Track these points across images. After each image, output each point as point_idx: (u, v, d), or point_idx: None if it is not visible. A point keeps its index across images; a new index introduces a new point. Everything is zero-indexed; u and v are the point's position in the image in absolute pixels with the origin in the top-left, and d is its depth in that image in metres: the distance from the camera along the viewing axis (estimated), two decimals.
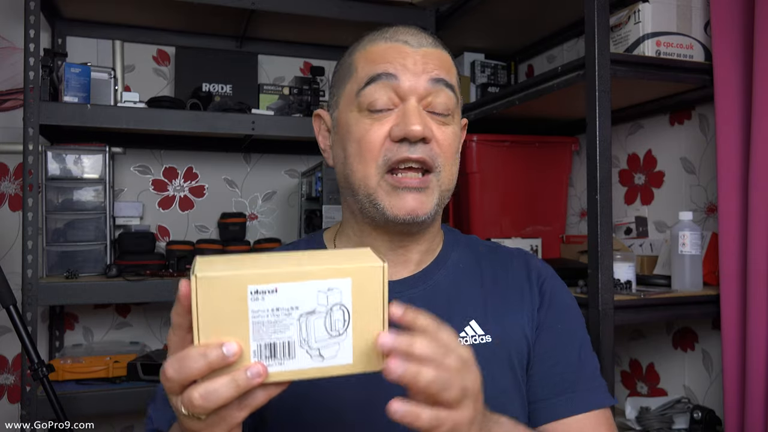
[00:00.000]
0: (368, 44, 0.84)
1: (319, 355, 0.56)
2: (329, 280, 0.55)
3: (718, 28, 1.49)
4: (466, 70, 2.38)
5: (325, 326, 0.56)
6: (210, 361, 0.52)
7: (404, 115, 0.78)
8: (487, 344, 0.83)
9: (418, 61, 0.80)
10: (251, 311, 0.54)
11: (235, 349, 0.53)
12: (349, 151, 0.82)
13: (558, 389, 0.83)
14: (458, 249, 0.91)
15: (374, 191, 0.80)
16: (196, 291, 0.53)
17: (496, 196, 1.99)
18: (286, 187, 2.48)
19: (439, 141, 0.80)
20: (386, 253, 0.85)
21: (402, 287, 0.85)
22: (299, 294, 0.55)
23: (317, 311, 0.55)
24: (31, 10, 1.71)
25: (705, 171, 1.72)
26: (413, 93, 0.79)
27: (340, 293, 0.56)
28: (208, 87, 2.23)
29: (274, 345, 0.55)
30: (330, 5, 2.03)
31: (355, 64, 0.83)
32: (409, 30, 0.84)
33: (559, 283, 0.91)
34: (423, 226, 0.83)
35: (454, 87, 0.82)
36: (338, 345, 0.56)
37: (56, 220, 1.91)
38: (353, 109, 0.81)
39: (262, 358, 0.55)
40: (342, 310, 0.56)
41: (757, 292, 1.37)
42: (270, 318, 0.54)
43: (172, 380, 0.54)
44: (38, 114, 1.71)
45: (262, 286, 0.54)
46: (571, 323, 0.88)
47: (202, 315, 0.53)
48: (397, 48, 0.81)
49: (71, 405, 1.67)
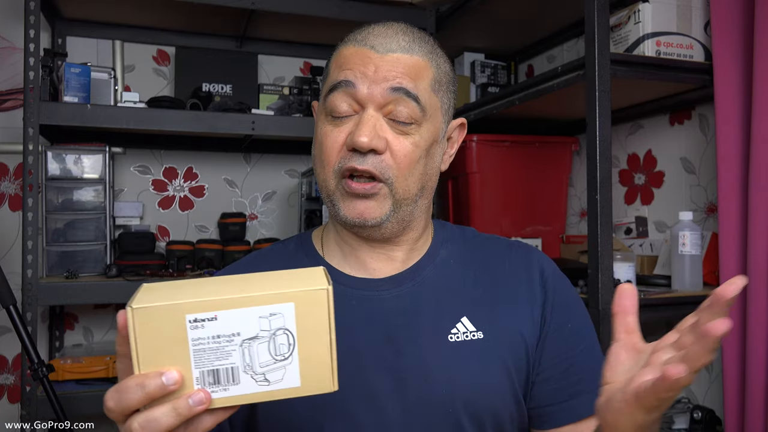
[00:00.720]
0: (342, 45, 0.84)
1: (264, 379, 0.56)
2: (271, 306, 0.55)
3: (718, 28, 1.49)
4: (466, 70, 2.38)
5: (269, 351, 0.55)
6: (148, 392, 0.53)
7: (358, 125, 0.78)
8: (479, 340, 0.82)
9: (381, 67, 0.79)
10: (191, 339, 0.54)
11: (176, 378, 0.53)
12: (315, 153, 0.85)
13: (574, 390, 0.83)
14: (449, 244, 0.91)
15: (333, 194, 0.81)
16: (133, 322, 0.53)
17: (496, 196, 1.99)
18: (286, 187, 2.48)
19: (394, 152, 0.79)
20: (366, 251, 0.85)
21: (389, 285, 0.84)
22: (240, 320, 0.54)
23: (260, 336, 0.55)
24: (31, 10, 1.71)
25: (705, 171, 1.72)
26: (370, 101, 0.78)
27: (283, 318, 0.55)
28: (208, 87, 2.23)
29: (217, 371, 0.55)
30: (330, 5, 2.03)
31: (330, 67, 0.85)
32: (382, 32, 0.83)
33: (564, 280, 0.90)
34: (385, 230, 0.82)
35: (417, 96, 0.79)
36: (284, 369, 0.56)
37: (56, 220, 1.91)
38: (321, 111, 0.83)
39: (205, 384, 0.54)
40: (286, 334, 0.55)
41: (757, 292, 1.37)
42: (211, 345, 0.54)
43: (113, 411, 0.54)
44: (38, 114, 1.71)
45: (200, 314, 0.54)
46: (580, 321, 0.88)
47: (140, 345, 0.53)
48: (362, 53, 0.80)
49: (71, 405, 1.67)
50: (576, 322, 0.87)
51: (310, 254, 0.90)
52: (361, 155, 0.78)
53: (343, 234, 0.87)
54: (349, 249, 0.87)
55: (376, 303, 0.83)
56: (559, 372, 0.84)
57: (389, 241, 0.85)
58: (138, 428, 0.53)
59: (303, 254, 0.90)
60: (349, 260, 0.87)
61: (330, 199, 0.82)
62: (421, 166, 0.82)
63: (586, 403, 0.81)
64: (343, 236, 0.87)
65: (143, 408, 0.54)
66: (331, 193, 0.82)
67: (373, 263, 0.86)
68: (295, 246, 0.92)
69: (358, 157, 0.78)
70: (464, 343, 0.82)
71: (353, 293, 0.84)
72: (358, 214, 0.80)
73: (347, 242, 0.86)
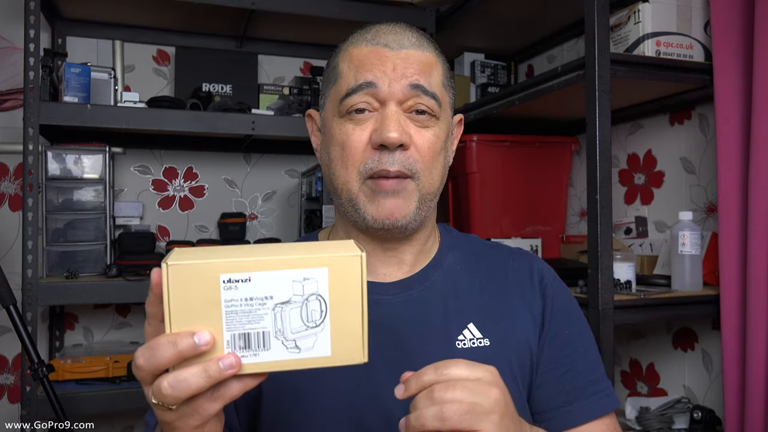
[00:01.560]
0: (351, 47, 0.84)
1: (295, 346, 0.55)
2: (305, 270, 0.54)
3: (718, 28, 1.49)
4: (466, 70, 2.38)
5: (301, 317, 0.55)
6: (180, 350, 0.52)
7: (383, 121, 0.78)
8: (486, 348, 0.82)
9: (398, 65, 0.80)
10: (224, 300, 0.53)
11: (207, 338, 0.52)
12: (333, 155, 0.82)
13: (571, 396, 0.83)
14: (455, 250, 0.91)
15: (356, 196, 0.80)
16: (167, 279, 0.52)
17: (496, 196, 1.99)
18: (286, 187, 2.48)
19: (418, 146, 0.80)
20: (378, 255, 0.85)
21: (398, 289, 0.84)
22: (274, 283, 0.54)
23: (293, 301, 0.54)
24: (31, 10, 1.71)
25: (705, 171, 1.72)
26: (392, 98, 0.79)
27: (317, 283, 0.54)
28: (208, 87, 2.23)
29: (248, 335, 0.54)
30: (330, 5, 2.03)
31: (339, 68, 0.83)
32: (392, 30, 0.83)
33: (562, 287, 0.91)
34: (407, 230, 0.82)
35: (433, 93, 0.81)
36: (315, 336, 0.55)
37: (56, 220, 1.91)
38: (336, 113, 0.82)
39: (235, 348, 0.54)
40: (319, 300, 0.55)
41: (757, 291, 1.37)
42: (243, 307, 0.54)
43: (143, 369, 0.54)
44: (38, 114, 1.71)
45: (234, 274, 0.53)
46: (577, 327, 0.88)
47: (173, 303, 0.52)
48: (377, 52, 0.81)
49: (71, 405, 1.67)
50: (574, 329, 0.87)
51: None
52: (389, 153, 0.78)
53: (353, 238, 0.86)
54: None
55: (384, 307, 0.83)
56: (555, 377, 0.84)
57: (403, 242, 0.85)
58: (167, 387, 0.52)
59: None
60: None
61: (352, 202, 0.81)
62: (442, 159, 0.84)
63: (581, 409, 0.82)
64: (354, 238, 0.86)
65: (172, 369, 0.53)
66: (353, 196, 0.80)
67: (383, 268, 0.86)
68: None
69: (387, 156, 0.78)
70: (472, 350, 0.81)
71: None
72: (387, 214, 0.79)
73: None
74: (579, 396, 0.83)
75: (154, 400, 0.54)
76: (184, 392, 0.52)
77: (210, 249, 0.57)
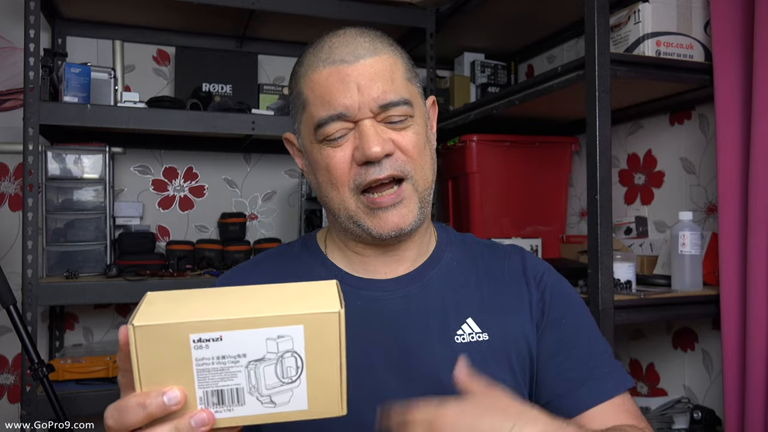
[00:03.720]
0: (310, 71, 0.82)
1: (270, 401, 0.54)
2: (279, 328, 0.52)
3: (718, 28, 1.49)
4: (466, 70, 2.38)
5: (276, 373, 0.53)
6: (149, 412, 0.51)
7: (361, 138, 0.78)
8: (485, 341, 0.83)
9: (362, 84, 0.78)
10: (195, 359, 0.52)
11: (178, 398, 0.52)
12: (321, 179, 0.83)
13: (576, 382, 0.83)
14: (452, 247, 0.92)
15: (355, 213, 0.81)
16: (135, 340, 0.51)
17: (496, 196, 1.99)
18: (286, 187, 2.47)
19: (402, 148, 0.80)
20: (378, 256, 0.86)
21: (397, 285, 0.85)
22: (246, 341, 0.52)
23: (267, 358, 0.53)
24: (31, 10, 1.71)
25: (705, 171, 1.72)
26: (365, 117, 0.79)
27: (292, 341, 0.53)
28: (208, 87, 2.23)
29: (222, 392, 0.53)
30: (330, 5, 2.03)
31: (304, 95, 0.82)
32: (343, 41, 0.81)
33: (557, 276, 0.91)
34: (412, 232, 0.84)
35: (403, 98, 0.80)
36: (291, 392, 0.54)
37: (56, 220, 1.91)
38: (313, 140, 0.82)
39: (209, 404, 0.53)
40: (294, 357, 0.53)
41: (757, 292, 1.37)
42: (216, 365, 0.52)
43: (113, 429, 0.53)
44: (38, 114, 1.71)
45: (205, 334, 0.51)
46: (576, 313, 0.88)
47: (142, 363, 0.51)
48: (337, 72, 0.79)
49: (71, 405, 1.67)
50: (573, 315, 0.87)
51: (315, 255, 0.91)
52: (376, 165, 0.78)
53: (349, 244, 0.87)
54: (357, 258, 0.87)
55: (383, 303, 0.84)
56: (558, 364, 0.84)
57: (403, 240, 0.85)
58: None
59: (308, 254, 0.91)
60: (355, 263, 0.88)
61: (353, 220, 0.81)
62: (428, 152, 0.84)
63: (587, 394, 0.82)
64: (350, 246, 0.87)
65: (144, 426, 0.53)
66: (352, 214, 0.81)
67: (383, 267, 0.87)
68: (300, 247, 0.93)
69: (374, 167, 0.78)
70: (470, 345, 0.82)
71: (359, 294, 0.84)
72: (393, 227, 0.79)
73: (354, 251, 0.87)
74: (585, 380, 0.82)
75: None
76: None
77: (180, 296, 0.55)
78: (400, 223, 0.80)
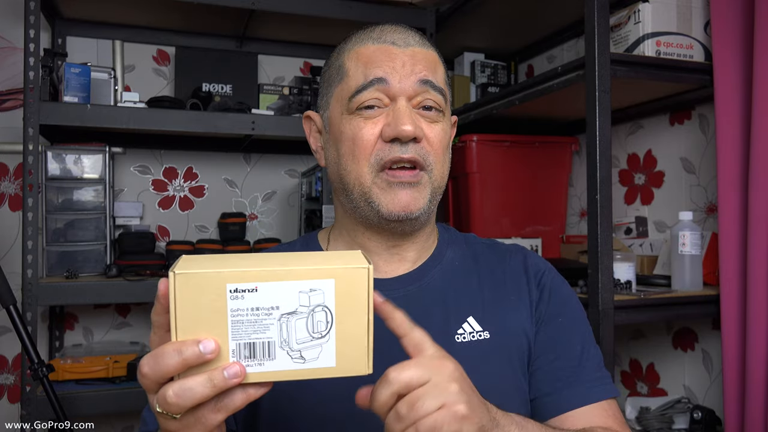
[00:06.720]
0: (356, 45, 0.84)
1: (300, 356, 0.55)
2: (311, 281, 0.54)
3: (718, 28, 1.49)
4: (466, 70, 2.38)
5: (306, 328, 0.55)
6: (185, 358, 0.52)
7: (395, 116, 0.79)
8: (486, 340, 0.83)
9: (407, 62, 0.81)
10: (230, 310, 0.53)
11: (212, 347, 0.52)
12: (342, 150, 0.83)
13: (562, 383, 0.83)
14: (454, 247, 0.92)
15: (369, 189, 0.81)
16: (174, 287, 0.52)
17: (496, 196, 1.99)
18: (286, 187, 2.47)
19: (429, 139, 0.81)
20: (381, 252, 0.86)
21: (398, 284, 0.85)
22: (280, 294, 0.54)
23: (299, 312, 0.54)
24: (31, 10, 1.71)
25: (705, 171, 1.72)
26: (403, 94, 0.80)
27: (323, 294, 0.55)
28: (208, 87, 2.23)
29: (254, 345, 0.54)
30: (330, 5, 2.03)
31: (345, 67, 0.84)
32: (396, 29, 0.85)
33: (558, 277, 0.92)
34: (417, 224, 0.84)
35: (441, 88, 0.83)
36: (320, 347, 0.55)
37: (56, 220, 1.91)
38: (345, 111, 0.82)
39: (240, 358, 0.54)
40: (325, 311, 0.55)
41: (757, 292, 1.37)
42: (249, 317, 0.54)
43: (148, 377, 0.54)
44: (38, 114, 1.71)
45: (241, 284, 0.53)
46: (572, 316, 0.88)
47: (179, 312, 0.53)
48: (385, 50, 0.82)
49: (71, 405, 1.67)
50: (568, 317, 0.88)
51: None
52: (402, 145, 0.79)
53: (358, 237, 0.86)
54: None
55: None
56: (547, 363, 0.85)
57: (407, 239, 0.86)
58: (172, 395, 0.52)
59: None
60: None
61: (365, 196, 0.81)
62: (448, 153, 0.86)
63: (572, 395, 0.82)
64: (359, 239, 0.86)
65: (177, 377, 0.53)
66: (366, 190, 0.81)
67: (386, 266, 0.87)
68: (301, 246, 0.93)
69: (400, 147, 0.79)
70: (471, 343, 0.82)
71: None
72: (403, 206, 0.80)
73: (362, 245, 0.86)
74: (572, 382, 0.83)
75: (159, 409, 0.54)
76: (189, 401, 0.52)
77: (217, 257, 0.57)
78: (411, 204, 0.80)
